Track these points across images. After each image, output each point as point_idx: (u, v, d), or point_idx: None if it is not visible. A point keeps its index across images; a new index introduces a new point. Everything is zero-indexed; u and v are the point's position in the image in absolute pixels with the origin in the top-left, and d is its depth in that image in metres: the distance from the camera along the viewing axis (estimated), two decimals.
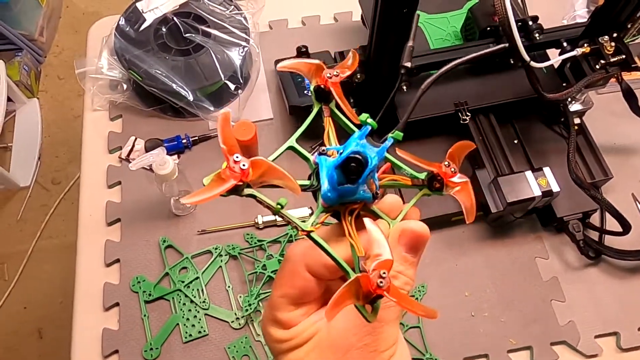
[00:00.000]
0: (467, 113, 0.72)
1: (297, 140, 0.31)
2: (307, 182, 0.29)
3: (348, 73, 0.31)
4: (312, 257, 0.29)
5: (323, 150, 0.29)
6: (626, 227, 0.70)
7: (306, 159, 0.30)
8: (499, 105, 0.75)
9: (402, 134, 0.31)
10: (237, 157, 0.25)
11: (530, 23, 0.72)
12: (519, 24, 0.72)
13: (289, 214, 0.28)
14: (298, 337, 0.29)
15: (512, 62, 0.75)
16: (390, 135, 0.31)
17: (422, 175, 0.31)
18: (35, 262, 1.55)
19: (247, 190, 0.26)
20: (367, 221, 0.27)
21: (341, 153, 0.27)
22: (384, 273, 0.23)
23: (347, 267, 0.27)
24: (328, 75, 0.30)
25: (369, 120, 0.30)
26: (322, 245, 0.27)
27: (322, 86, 0.30)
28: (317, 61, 0.30)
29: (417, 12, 0.79)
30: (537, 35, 0.71)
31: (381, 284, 0.23)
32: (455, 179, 0.30)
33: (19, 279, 1.52)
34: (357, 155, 0.26)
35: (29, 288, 1.52)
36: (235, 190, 0.25)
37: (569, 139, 0.70)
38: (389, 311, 0.28)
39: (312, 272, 0.29)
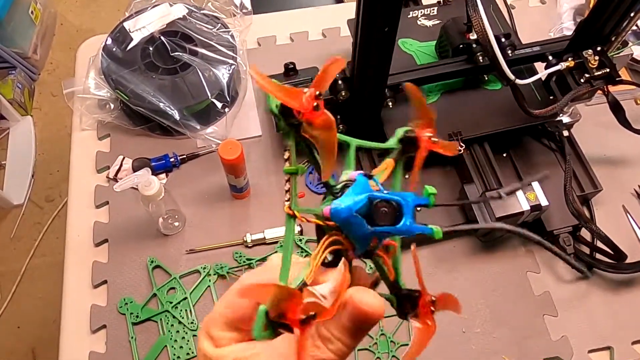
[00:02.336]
0: (462, 145, 0.71)
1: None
2: (334, 183, 0.27)
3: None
4: (260, 282, 0.28)
5: (370, 174, 0.26)
6: (621, 257, 0.70)
7: (347, 143, 0.28)
8: (494, 134, 0.75)
9: (441, 233, 0.26)
10: (319, 94, 0.24)
11: (503, 40, 0.71)
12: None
13: (295, 186, 0.26)
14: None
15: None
16: (432, 226, 0.26)
17: (405, 288, 0.28)
18: (29, 281, 1.54)
19: (289, 128, 0.25)
20: (341, 264, 0.25)
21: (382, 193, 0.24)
22: (314, 312, 0.22)
23: (289, 252, 0.25)
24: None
25: (432, 198, 0.26)
26: (289, 233, 0.26)
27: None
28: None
29: (409, 40, 0.80)
30: (509, 52, 0.71)
31: (302, 317, 0.22)
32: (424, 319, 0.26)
33: (13, 297, 1.51)
34: (394, 203, 0.24)
35: (22, 307, 1.50)
36: (291, 118, 0.24)
37: (565, 171, 0.70)
38: None
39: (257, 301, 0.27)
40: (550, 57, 0.72)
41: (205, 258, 0.76)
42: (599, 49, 0.66)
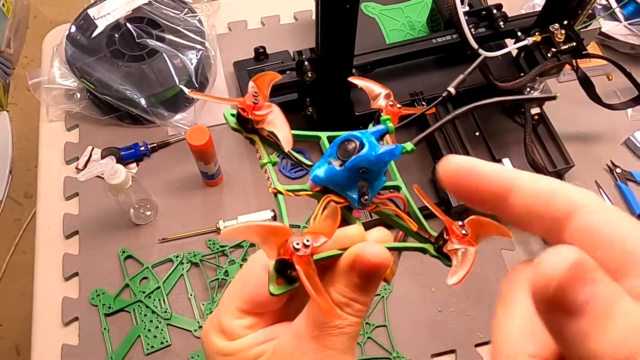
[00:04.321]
0: (423, 102, 0.71)
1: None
2: (304, 160, 0.29)
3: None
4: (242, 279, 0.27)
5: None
6: None
7: (317, 137, 0.30)
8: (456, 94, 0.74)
9: (414, 148, 0.26)
10: (256, 92, 0.27)
11: (495, 11, 0.71)
12: (483, 12, 0.71)
13: (272, 171, 0.27)
14: (242, 354, 0.26)
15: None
16: (404, 145, 0.26)
17: (435, 233, 0.27)
18: (10, 278, 1.52)
19: (251, 134, 0.27)
20: (332, 205, 0.25)
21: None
22: (308, 241, 0.22)
23: (285, 219, 0.25)
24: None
25: (390, 124, 0.27)
26: (281, 209, 0.26)
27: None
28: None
29: (371, 4, 0.79)
30: (501, 23, 0.71)
31: (297, 246, 0.22)
32: (460, 245, 0.26)
33: None
34: (355, 140, 0.25)
35: (4, 304, 1.49)
36: (243, 122, 0.27)
37: (525, 125, 0.70)
38: (341, 339, 0.24)
39: None
40: (519, 33, 0.72)
41: (178, 247, 0.75)
42: (565, 22, 0.66)
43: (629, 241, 0.17)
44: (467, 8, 0.70)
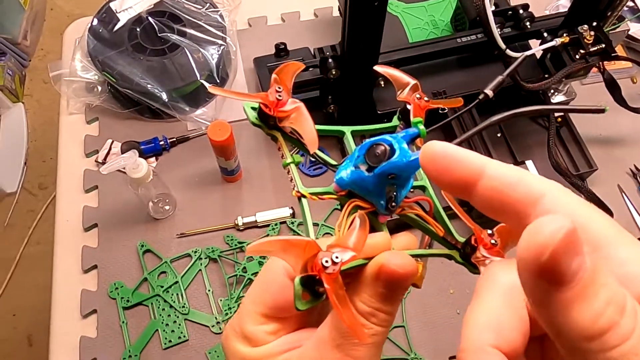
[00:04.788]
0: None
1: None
2: (330, 160, 0.28)
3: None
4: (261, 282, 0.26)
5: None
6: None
7: (341, 132, 0.29)
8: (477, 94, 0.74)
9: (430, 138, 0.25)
10: (279, 88, 0.25)
11: (521, 11, 0.70)
12: (510, 12, 0.70)
13: (295, 172, 0.27)
14: None
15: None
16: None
17: (461, 239, 0.27)
18: (23, 269, 1.53)
19: (273, 130, 0.26)
20: (357, 219, 0.24)
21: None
22: (337, 257, 0.21)
23: (311, 233, 0.24)
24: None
25: (421, 127, 0.26)
26: (306, 215, 0.25)
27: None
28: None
29: (394, 2, 0.78)
30: (527, 24, 0.70)
31: (326, 264, 0.21)
32: (488, 254, 0.25)
33: (7, 285, 1.51)
34: (384, 144, 0.24)
35: (17, 295, 1.50)
36: (265, 118, 0.26)
37: (549, 126, 0.69)
38: (366, 348, 0.24)
39: (292, 278, 0.25)
40: (545, 34, 0.71)
41: (196, 242, 0.75)
42: (594, 24, 0.65)
43: (593, 224, 0.18)
44: (494, 7, 0.69)
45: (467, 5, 0.73)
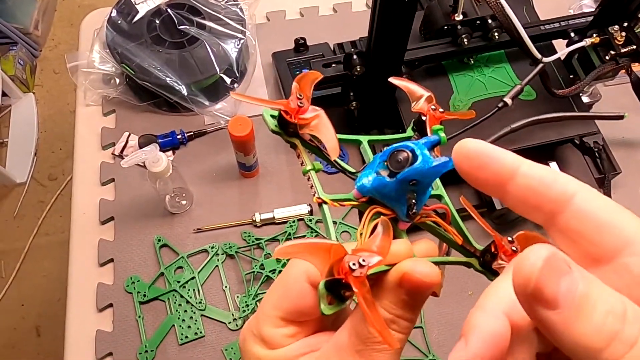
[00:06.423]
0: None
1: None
2: (349, 168, 0.28)
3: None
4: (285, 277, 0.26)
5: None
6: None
7: (358, 142, 0.29)
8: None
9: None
10: (300, 95, 0.26)
11: (490, 21, 0.68)
12: (478, 22, 0.68)
13: (316, 179, 0.27)
14: None
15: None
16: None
17: (479, 247, 0.27)
18: (32, 259, 1.53)
19: (292, 138, 0.26)
20: (379, 226, 0.23)
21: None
22: (364, 261, 0.21)
23: (334, 238, 0.24)
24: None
25: (442, 135, 0.26)
26: (327, 222, 0.25)
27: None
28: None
29: None
30: (496, 34, 0.68)
31: (353, 267, 0.21)
32: (509, 260, 0.25)
33: (16, 276, 1.51)
34: (407, 150, 0.24)
35: (26, 285, 1.50)
36: (285, 125, 0.26)
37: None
38: (385, 355, 0.24)
39: (313, 283, 0.26)
40: (572, 34, 0.69)
41: (213, 237, 0.75)
42: (625, 24, 0.64)
43: (627, 225, 0.18)
44: (462, 17, 0.67)
45: (436, 14, 0.71)
